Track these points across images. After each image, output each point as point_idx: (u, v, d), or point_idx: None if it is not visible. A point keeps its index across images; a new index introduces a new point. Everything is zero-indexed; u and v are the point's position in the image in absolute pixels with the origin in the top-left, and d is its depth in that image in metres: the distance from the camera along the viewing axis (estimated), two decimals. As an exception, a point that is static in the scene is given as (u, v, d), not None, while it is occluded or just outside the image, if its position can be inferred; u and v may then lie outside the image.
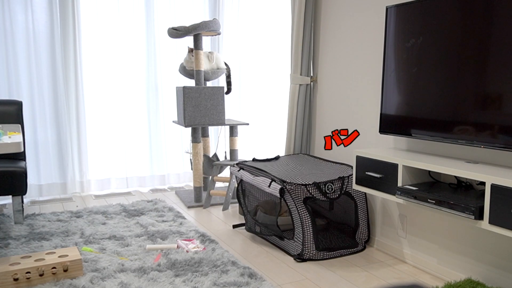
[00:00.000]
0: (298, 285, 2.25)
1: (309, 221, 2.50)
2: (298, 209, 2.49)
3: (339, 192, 2.58)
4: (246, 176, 2.81)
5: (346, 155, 3.05)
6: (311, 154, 3.26)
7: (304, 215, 2.49)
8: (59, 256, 2.26)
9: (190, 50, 3.73)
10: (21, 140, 2.09)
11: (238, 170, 2.94)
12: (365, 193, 2.69)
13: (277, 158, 3.15)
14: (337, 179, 2.60)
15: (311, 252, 2.53)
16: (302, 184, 2.48)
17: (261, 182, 2.64)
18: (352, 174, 2.64)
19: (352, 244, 2.68)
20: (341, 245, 2.65)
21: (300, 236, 2.53)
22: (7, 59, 3.67)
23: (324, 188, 2.52)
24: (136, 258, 2.51)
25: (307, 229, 2.50)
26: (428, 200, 2.00)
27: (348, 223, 2.81)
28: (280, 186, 2.49)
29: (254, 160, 3.12)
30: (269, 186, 2.57)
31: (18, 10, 3.68)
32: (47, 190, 3.93)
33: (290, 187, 2.47)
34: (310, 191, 2.50)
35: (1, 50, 3.65)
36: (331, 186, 2.54)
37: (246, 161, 3.08)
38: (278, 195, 2.49)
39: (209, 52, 3.83)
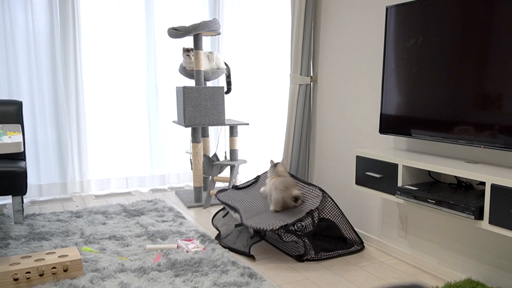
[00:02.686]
0: (298, 285, 2.25)
1: (301, 237, 2.50)
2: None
3: (311, 227, 2.48)
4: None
5: (346, 155, 3.05)
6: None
7: (294, 238, 2.49)
8: (59, 256, 2.26)
9: (185, 51, 3.73)
10: (21, 140, 2.09)
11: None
12: (339, 209, 2.61)
13: (256, 179, 3.12)
14: (305, 216, 2.49)
15: (310, 254, 2.54)
16: (272, 230, 2.42)
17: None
18: (323, 199, 2.57)
19: (347, 246, 2.67)
20: (338, 246, 2.63)
21: (300, 243, 2.54)
22: (7, 59, 3.67)
23: (294, 228, 2.45)
24: (136, 258, 2.51)
25: (302, 243, 2.52)
26: (428, 200, 2.00)
27: (337, 238, 2.75)
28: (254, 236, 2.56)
29: (234, 187, 3.11)
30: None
31: (18, 10, 3.68)
32: (47, 190, 3.92)
33: (263, 233, 2.52)
34: (281, 235, 2.45)
35: (1, 50, 3.65)
36: (301, 224, 2.46)
37: (225, 190, 3.10)
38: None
39: (209, 52, 3.83)
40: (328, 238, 2.66)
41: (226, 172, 4.55)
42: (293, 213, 2.56)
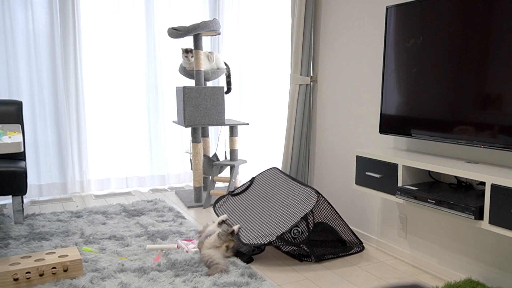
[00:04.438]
0: (298, 285, 2.25)
1: (299, 246, 2.50)
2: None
3: (307, 233, 2.45)
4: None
5: (346, 155, 3.05)
6: (281, 171, 3.07)
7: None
8: (59, 256, 2.26)
9: (185, 51, 3.73)
10: (21, 140, 2.09)
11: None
12: (336, 212, 2.58)
13: (251, 182, 3.09)
14: (300, 220, 2.44)
15: (311, 259, 2.54)
16: (270, 242, 2.40)
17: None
18: (317, 201, 2.51)
19: (349, 248, 2.66)
20: (338, 250, 2.63)
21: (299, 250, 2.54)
22: (7, 59, 3.67)
23: (290, 236, 2.43)
24: (136, 258, 2.51)
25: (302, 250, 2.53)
26: (428, 200, 2.00)
27: (335, 241, 2.72)
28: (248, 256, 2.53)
29: (230, 194, 3.09)
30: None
31: (18, 10, 3.68)
32: (47, 190, 3.92)
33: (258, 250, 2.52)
34: (279, 247, 2.44)
35: (1, 50, 3.65)
36: (297, 230, 2.43)
37: (222, 197, 3.08)
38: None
39: (209, 52, 3.83)
40: (326, 242, 2.64)
41: (226, 172, 4.55)
42: (288, 218, 2.53)
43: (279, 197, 2.79)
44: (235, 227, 2.55)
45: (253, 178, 3.12)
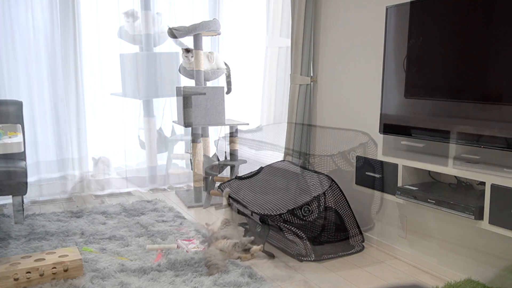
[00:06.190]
0: (298, 285, 2.25)
1: (303, 239, 2.52)
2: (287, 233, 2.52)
3: (317, 213, 2.51)
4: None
5: (346, 155, 3.05)
6: (293, 162, 3.14)
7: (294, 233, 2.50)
8: (59, 256, 2.26)
9: (185, 51, 3.73)
10: (21, 140, 2.09)
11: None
12: (346, 200, 2.62)
13: (260, 170, 3.11)
14: (312, 200, 2.50)
15: (311, 257, 2.54)
16: (277, 215, 2.43)
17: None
18: (331, 186, 2.56)
19: (349, 248, 2.67)
20: (338, 249, 2.63)
21: (301, 245, 2.54)
22: (7, 59, 3.67)
23: (300, 213, 2.47)
24: (136, 258, 2.51)
25: (303, 245, 2.54)
26: (428, 200, 2.00)
27: (339, 231, 2.75)
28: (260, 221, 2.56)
29: (237, 178, 3.09)
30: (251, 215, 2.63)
31: (18, 10, 3.68)
32: (47, 190, 3.92)
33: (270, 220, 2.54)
34: (283, 229, 2.46)
35: (1, 50, 3.65)
36: (308, 208, 2.48)
37: (229, 181, 3.08)
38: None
39: (209, 52, 3.83)
40: (330, 232, 2.65)
41: (226, 172, 4.55)
42: (299, 196, 2.58)
43: (290, 180, 2.85)
44: (254, 248, 2.52)
45: (261, 168, 3.13)
